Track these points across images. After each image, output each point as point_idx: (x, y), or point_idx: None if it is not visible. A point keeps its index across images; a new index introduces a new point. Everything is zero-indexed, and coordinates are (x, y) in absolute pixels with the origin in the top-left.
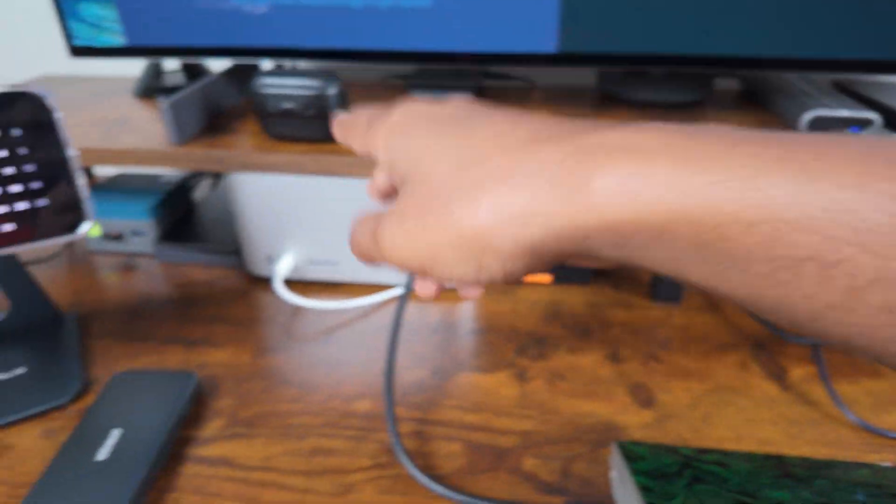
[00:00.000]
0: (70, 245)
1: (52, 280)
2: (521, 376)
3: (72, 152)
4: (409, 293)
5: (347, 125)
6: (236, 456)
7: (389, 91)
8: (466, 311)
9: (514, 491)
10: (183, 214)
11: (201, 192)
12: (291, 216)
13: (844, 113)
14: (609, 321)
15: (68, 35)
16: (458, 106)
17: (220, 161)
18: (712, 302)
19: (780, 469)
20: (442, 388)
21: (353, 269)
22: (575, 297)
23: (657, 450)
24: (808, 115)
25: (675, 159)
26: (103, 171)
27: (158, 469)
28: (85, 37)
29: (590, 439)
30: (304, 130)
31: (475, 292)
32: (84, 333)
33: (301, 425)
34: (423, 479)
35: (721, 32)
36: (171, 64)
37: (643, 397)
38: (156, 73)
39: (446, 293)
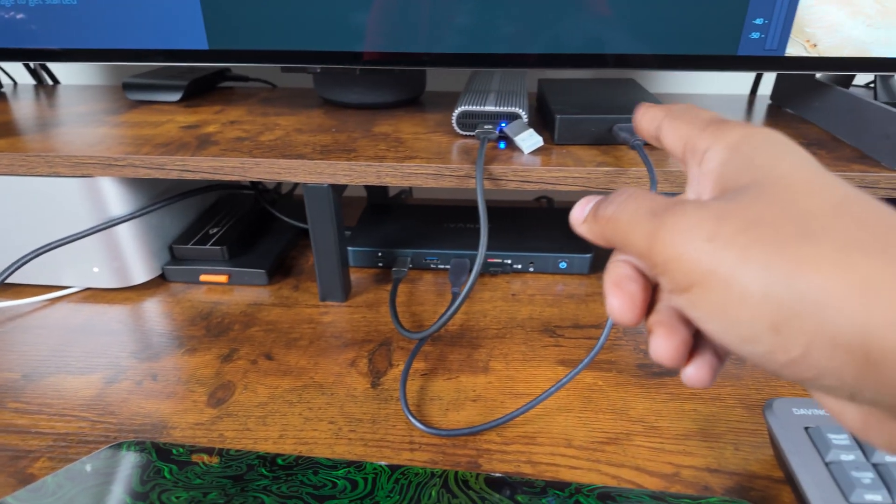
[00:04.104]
0: None
1: None
2: (112, 379)
3: None
4: None
5: (677, 112)
6: None
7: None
8: (120, 312)
9: None
10: None
11: None
12: None
13: (490, 108)
14: (258, 320)
15: None
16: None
17: None
18: (378, 300)
19: (265, 465)
20: (24, 387)
21: None
22: (244, 297)
23: (143, 447)
24: (456, 111)
25: None
26: None
27: None
28: None
29: (121, 439)
30: None
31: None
32: None
33: None
34: None
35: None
36: None
37: (219, 397)
38: None
39: (102, 293)
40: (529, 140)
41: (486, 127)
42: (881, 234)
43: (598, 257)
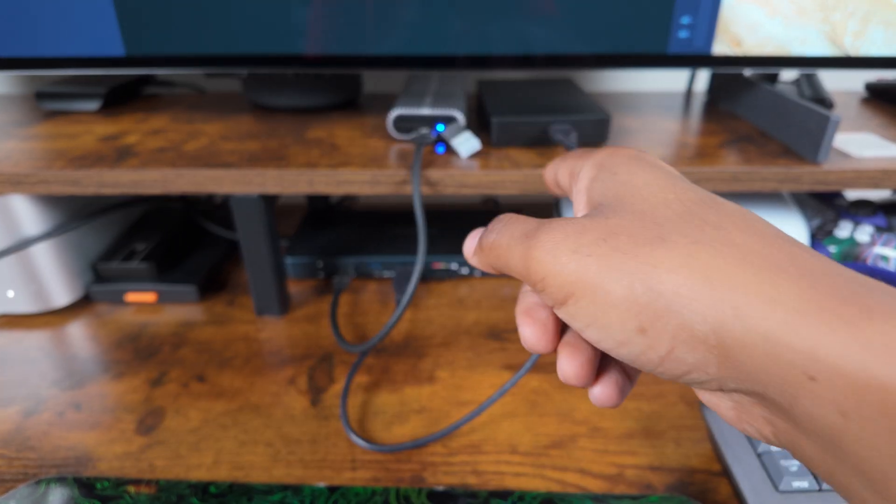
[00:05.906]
0: None
1: None
2: (31, 411)
3: None
4: None
5: (567, 155)
6: None
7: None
8: (40, 338)
9: None
10: None
11: None
12: None
13: (426, 112)
14: (189, 340)
15: None
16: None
17: None
18: (319, 313)
19: (197, 494)
20: None
21: None
22: (174, 316)
23: (65, 483)
24: (392, 115)
25: None
26: None
27: None
28: None
29: (41, 475)
30: None
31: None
32: None
33: None
34: None
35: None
36: None
37: (149, 423)
38: None
39: (19, 319)
40: (467, 143)
41: (422, 131)
42: (723, 229)
43: None
